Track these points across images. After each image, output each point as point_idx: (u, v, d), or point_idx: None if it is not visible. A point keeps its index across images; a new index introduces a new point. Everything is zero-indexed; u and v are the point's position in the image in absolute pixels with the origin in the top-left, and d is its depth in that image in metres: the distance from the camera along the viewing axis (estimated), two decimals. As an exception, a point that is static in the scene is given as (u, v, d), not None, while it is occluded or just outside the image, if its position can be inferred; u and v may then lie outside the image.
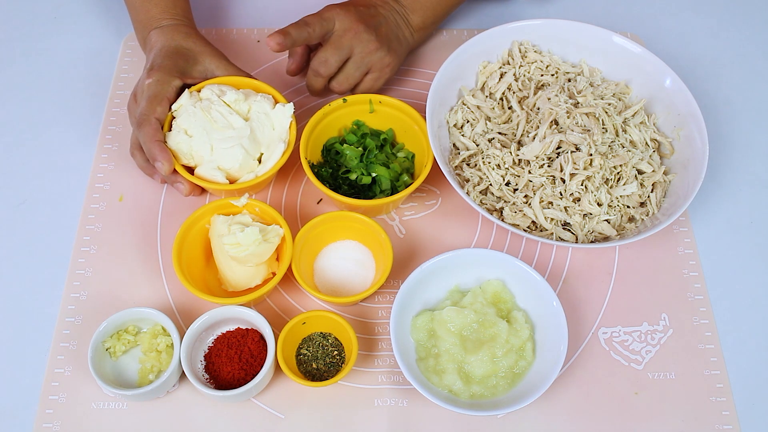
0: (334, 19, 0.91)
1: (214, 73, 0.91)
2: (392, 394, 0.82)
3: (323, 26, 0.91)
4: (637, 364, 0.84)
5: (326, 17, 0.91)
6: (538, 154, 0.88)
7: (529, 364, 0.81)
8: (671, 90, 0.94)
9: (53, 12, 1.11)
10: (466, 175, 0.91)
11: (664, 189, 0.91)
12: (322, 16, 0.91)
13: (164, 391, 0.80)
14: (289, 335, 0.80)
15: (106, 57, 1.06)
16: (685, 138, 0.92)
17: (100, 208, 0.92)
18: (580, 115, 0.89)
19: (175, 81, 0.88)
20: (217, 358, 0.80)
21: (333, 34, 0.92)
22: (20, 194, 0.94)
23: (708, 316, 0.88)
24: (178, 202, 0.93)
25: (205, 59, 0.91)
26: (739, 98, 1.06)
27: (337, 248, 0.89)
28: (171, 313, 0.85)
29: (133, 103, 0.90)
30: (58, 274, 0.88)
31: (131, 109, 0.90)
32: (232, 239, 0.80)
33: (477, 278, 0.86)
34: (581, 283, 0.89)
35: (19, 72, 1.04)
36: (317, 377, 0.81)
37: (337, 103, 0.93)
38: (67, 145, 0.98)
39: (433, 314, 0.82)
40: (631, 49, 0.96)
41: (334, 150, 0.93)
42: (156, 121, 0.86)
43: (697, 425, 0.81)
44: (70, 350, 0.83)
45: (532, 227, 0.87)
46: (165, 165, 0.84)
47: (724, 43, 1.12)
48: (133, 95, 0.90)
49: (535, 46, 0.99)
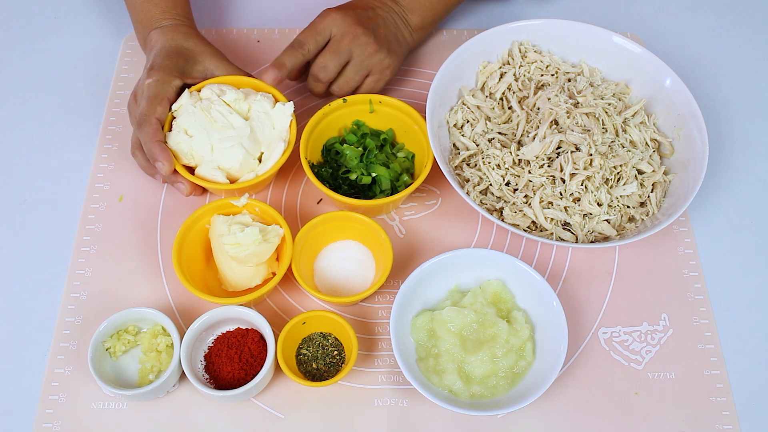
0: (330, 27, 0.91)
1: (214, 73, 0.91)
2: (392, 394, 0.82)
3: (318, 41, 0.91)
4: (637, 364, 0.84)
5: (321, 29, 0.91)
6: (538, 154, 0.88)
7: (529, 364, 0.81)
8: (671, 90, 0.94)
9: (53, 12, 1.11)
10: (466, 175, 0.91)
11: (664, 189, 0.91)
12: (316, 29, 0.91)
13: (164, 391, 0.80)
14: (289, 335, 0.80)
15: (106, 57, 1.06)
16: (685, 138, 0.92)
17: (100, 208, 0.92)
18: (580, 115, 0.89)
19: (175, 81, 0.88)
20: (217, 358, 0.80)
21: (332, 39, 0.91)
22: (20, 194, 0.94)
23: (708, 316, 0.88)
24: (178, 202, 0.93)
25: (205, 59, 0.91)
26: (739, 98, 1.06)
27: (337, 248, 0.89)
28: (171, 313, 0.85)
29: (134, 103, 0.89)
30: (58, 274, 0.88)
31: (131, 109, 0.90)
32: (232, 239, 0.80)
33: (477, 278, 0.86)
34: (581, 283, 0.89)
35: (19, 72, 1.04)
36: (317, 377, 0.81)
37: (337, 103, 0.93)
38: (67, 145, 0.98)
39: (433, 314, 0.82)
40: (631, 49, 0.96)
41: (334, 150, 0.93)
42: (156, 121, 0.86)
43: (697, 425, 0.81)
44: (70, 350, 0.83)
45: (532, 227, 0.87)
46: (165, 165, 0.84)
47: (724, 43, 1.12)
48: (133, 95, 0.90)
49: (535, 46, 0.99)
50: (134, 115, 0.88)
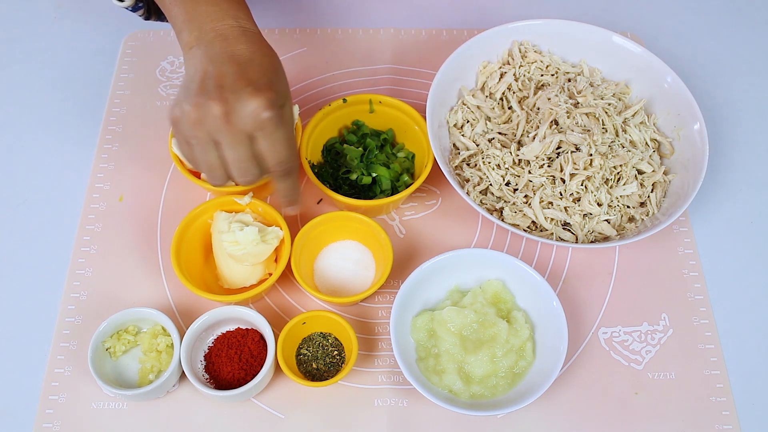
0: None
1: None
2: (392, 394, 0.82)
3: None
4: (637, 364, 0.84)
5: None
6: (538, 154, 0.88)
7: (529, 364, 0.81)
8: (671, 90, 0.94)
9: (53, 12, 1.11)
10: (466, 175, 0.91)
11: (664, 189, 0.91)
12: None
13: (164, 391, 0.80)
14: (289, 335, 0.80)
15: (106, 57, 1.06)
16: (685, 138, 0.92)
17: (100, 208, 0.92)
18: (580, 115, 0.89)
19: None
20: (217, 358, 0.80)
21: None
22: (20, 194, 0.94)
23: (708, 316, 0.88)
24: (178, 202, 0.93)
25: None
26: (739, 98, 1.06)
27: (338, 248, 0.89)
28: (171, 313, 0.85)
29: (224, 127, 0.68)
30: (58, 274, 0.88)
31: (221, 130, 0.69)
32: (231, 237, 0.81)
33: (477, 278, 0.86)
34: (581, 283, 0.89)
35: (19, 72, 1.04)
36: (317, 377, 0.81)
37: (337, 104, 0.93)
38: (67, 145, 0.98)
39: (433, 314, 0.82)
40: (631, 49, 0.96)
41: (334, 150, 0.93)
42: None
43: (697, 425, 0.81)
44: (70, 350, 0.83)
45: (532, 227, 0.87)
46: (299, 208, 0.79)
47: (724, 43, 1.12)
48: (227, 117, 0.68)
49: (535, 46, 0.99)
50: (234, 144, 0.69)
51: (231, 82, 0.68)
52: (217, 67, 0.69)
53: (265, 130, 0.69)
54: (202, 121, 0.68)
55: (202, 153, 0.71)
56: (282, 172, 0.74)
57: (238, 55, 0.70)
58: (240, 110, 0.68)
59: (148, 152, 0.96)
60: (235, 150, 0.70)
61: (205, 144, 0.70)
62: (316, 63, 1.05)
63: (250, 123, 0.68)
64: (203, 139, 0.69)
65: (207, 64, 0.70)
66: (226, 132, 0.68)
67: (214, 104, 0.67)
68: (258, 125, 0.68)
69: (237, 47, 0.71)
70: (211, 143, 0.70)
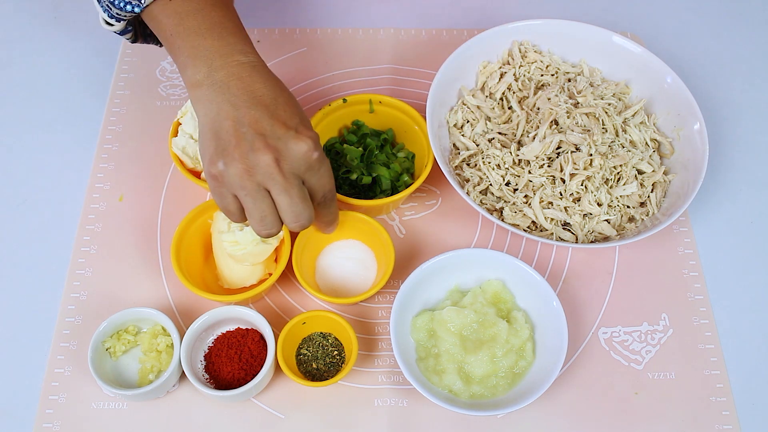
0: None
1: None
2: (392, 394, 0.82)
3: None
4: (637, 364, 0.84)
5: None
6: (538, 154, 0.88)
7: (529, 364, 0.81)
8: (671, 90, 0.94)
9: (53, 12, 1.11)
10: (466, 175, 0.91)
11: (664, 189, 0.91)
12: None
13: (164, 391, 0.80)
14: (289, 335, 0.80)
15: (106, 57, 1.06)
16: (685, 138, 0.92)
17: (100, 208, 0.92)
18: (580, 115, 0.89)
19: None
20: (217, 358, 0.80)
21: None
22: (20, 194, 0.94)
23: (708, 316, 0.88)
24: (178, 202, 0.93)
25: None
26: (739, 98, 1.06)
27: (340, 247, 0.89)
28: (171, 313, 0.85)
29: (274, 168, 0.68)
30: (58, 274, 0.88)
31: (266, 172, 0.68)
32: (231, 237, 0.80)
33: (477, 278, 0.86)
34: (581, 283, 0.89)
35: (19, 72, 1.04)
36: (317, 377, 0.81)
37: (337, 104, 0.93)
38: (67, 145, 0.98)
39: (433, 314, 0.82)
40: (631, 49, 0.96)
41: (334, 150, 0.93)
42: None
43: (697, 425, 0.81)
44: (70, 350, 0.83)
45: (532, 227, 0.87)
46: (336, 225, 0.83)
47: (724, 43, 1.12)
48: (270, 149, 0.67)
49: (535, 46, 0.99)
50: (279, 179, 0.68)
51: (270, 129, 0.68)
52: (244, 112, 0.68)
53: (313, 168, 0.71)
54: (251, 172, 0.67)
55: (254, 203, 0.69)
56: (328, 201, 0.76)
57: (260, 95, 0.70)
58: (290, 156, 0.68)
59: (148, 152, 0.96)
60: (288, 194, 0.69)
61: (255, 194, 0.69)
62: (316, 63, 1.05)
63: (302, 166, 0.69)
64: (253, 189, 0.68)
65: (231, 110, 0.68)
66: (280, 179, 0.68)
67: (262, 154, 0.67)
68: (309, 166, 0.70)
69: (255, 87, 0.70)
70: (262, 191, 0.69)
